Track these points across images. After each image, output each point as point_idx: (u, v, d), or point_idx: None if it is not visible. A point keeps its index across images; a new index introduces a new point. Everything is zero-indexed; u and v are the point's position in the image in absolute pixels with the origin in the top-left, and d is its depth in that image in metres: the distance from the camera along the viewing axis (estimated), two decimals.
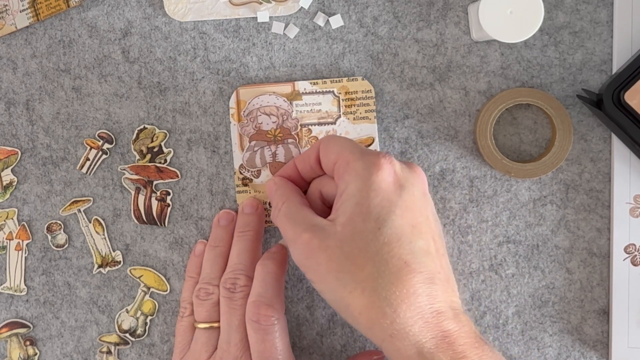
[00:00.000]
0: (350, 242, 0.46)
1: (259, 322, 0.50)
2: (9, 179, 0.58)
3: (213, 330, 0.53)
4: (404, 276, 0.45)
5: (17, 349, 0.58)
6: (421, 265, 0.45)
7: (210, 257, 0.55)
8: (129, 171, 0.58)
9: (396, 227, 0.46)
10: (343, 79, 0.57)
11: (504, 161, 0.56)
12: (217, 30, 0.57)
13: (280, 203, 0.51)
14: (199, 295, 0.54)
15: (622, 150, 0.56)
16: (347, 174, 0.48)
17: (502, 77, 0.57)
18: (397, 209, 0.46)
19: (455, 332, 0.45)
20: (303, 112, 0.57)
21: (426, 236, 0.47)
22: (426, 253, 0.46)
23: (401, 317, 0.44)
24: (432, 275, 0.46)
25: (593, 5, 0.57)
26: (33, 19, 0.57)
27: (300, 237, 0.47)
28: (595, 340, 0.57)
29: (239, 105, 0.57)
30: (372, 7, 0.57)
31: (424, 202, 0.48)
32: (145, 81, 0.57)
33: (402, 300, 0.44)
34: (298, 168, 0.53)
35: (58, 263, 0.58)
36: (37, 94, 0.58)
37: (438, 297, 0.45)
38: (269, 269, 0.51)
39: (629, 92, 0.53)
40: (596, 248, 0.57)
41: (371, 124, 0.57)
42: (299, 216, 0.49)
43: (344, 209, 0.47)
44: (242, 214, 0.56)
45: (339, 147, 0.49)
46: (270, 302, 0.50)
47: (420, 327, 0.44)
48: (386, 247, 0.45)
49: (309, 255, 0.47)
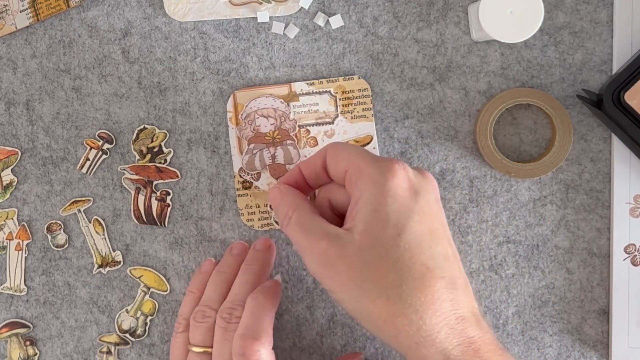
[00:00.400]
0: (370, 249, 0.45)
1: (244, 355, 0.48)
2: (9, 179, 0.58)
3: (207, 355, 0.52)
4: (427, 282, 0.44)
5: (17, 349, 0.58)
6: (442, 271, 0.45)
7: (214, 281, 0.55)
8: (129, 171, 0.58)
9: (415, 232, 0.45)
10: (339, 78, 0.57)
11: (504, 161, 0.56)
12: (217, 30, 0.57)
13: (290, 211, 0.49)
14: (195, 317, 0.53)
15: (622, 150, 0.56)
16: (361, 181, 0.47)
17: (502, 77, 0.57)
18: (415, 215, 0.46)
19: (479, 338, 0.44)
20: (301, 113, 0.57)
21: (443, 242, 0.47)
22: (445, 258, 0.46)
23: (427, 323, 0.44)
24: (453, 280, 0.45)
25: (593, 5, 0.57)
26: (33, 19, 0.57)
27: (316, 245, 0.46)
28: (595, 340, 0.57)
29: (236, 108, 0.57)
30: (372, 7, 0.57)
31: (438, 208, 0.48)
32: (145, 81, 0.57)
33: (428, 306, 0.44)
34: (304, 174, 0.52)
35: (58, 263, 0.58)
36: (37, 94, 0.58)
37: (461, 303, 0.45)
38: (259, 302, 0.51)
39: (629, 92, 0.53)
40: (596, 248, 0.57)
41: (369, 122, 0.57)
42: (313, 224, 0.48)
43: (361, 216, 0.46)
44: (253, 249, 0.56)
45: (349, 155, 0.48)
46: (258, 336, 0.49)
47: (446, 334, 0.44)
48: (407, 254, 0.45)
49: (327, 264, 0.46)
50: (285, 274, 0.58)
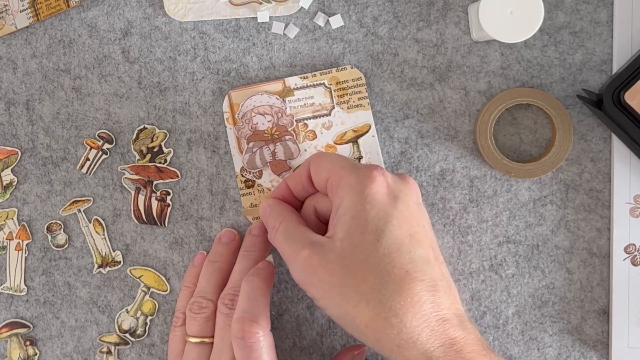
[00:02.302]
0: (350, 255, 0.46)
1: (243, 338, 0.49)
2: (9, 179, 0.58)
3: (204, 346, 0.52)
4: (406, 285, 0.45)
5: (17, 349, 0.58)
6: (423, 274, 0.46)
7: (207, 271, 0.55)
8: (129, 171, 0.58)
9: (395, 237, 0.46)
10: (332, 69, 0.57)
11: (504, 161, 0.56)
12: (217, 30, 0.57)
13: (277, 224, 0.51)
14: (192, 308, 0.53)
15: (622, 150, 0.56)
16: (340, 189, 0.48)
17: (502, 77, 0.57)
18: (393, 220, 0.47)
19: (462, 339, 0.45)
20: (297, 108, 0.57)
21: (425, 245, 0.47)
22: (426, 261, 0.46)
23: (408, 326, 0.44)
24: (434, 283, 0.46)
25: (593, 5, 0.57)
26: (33, 19, 0.57)
27: (299, 254, 0.47)
28: (595, 340, 0.57)
29: (232, 108, 0.57)
30: (372, 7, 0.57)
31: (419, 212, 0.49)
32: (145, 81, 0.57)
33: (408, 309, 0.44)
34: (290, 187, 0.53)
35: (58, 263, 0.58)
36: (37, 94, 0.58)
37: (442, 305, 0.45)
38: (254, 285, 0.51)
39: (629, 92, 0.53)
40: (596, 248, 0.57)
41: (366, 111, 0.57)
42: (297, 234, 0.49)
43: (341, 224, 0.47)
44: (249, 234, 0.56)
45: (329, 164, 0.50)
46: (255, 319, 0.49)
47: (427, 336, 0.44)
48: (387, 258, 0.45)
49: (309, 272, 0.47)
50: (285, 274, 0.58)
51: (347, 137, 0.57)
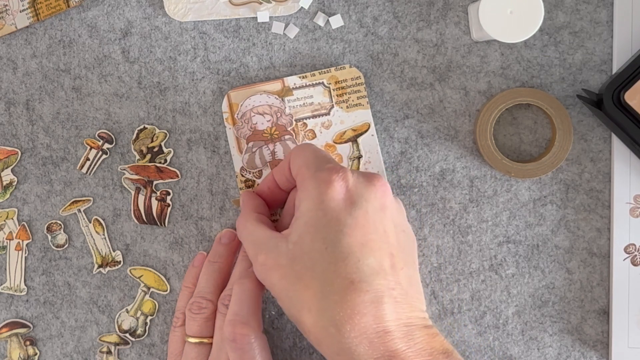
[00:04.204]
0: (299, 261, 0.46)
1: (235, 341, 0.49)
2: (9, 179, 0.58)
3: (203, 346, 0.53)
4: (349, 295, 0.44)
5: (17, 349, 0.58)
6: (368, 284, 0.45)
7: (207, 272, 0.55)
8: (129, 171, 0.58)
9: (344, 246, 0.45)
10: (331, 68, 0.57)
11: (504, 161, 0.56)
12: (217, 30, 0.57)
13: (242, 220, 0.52)
14: (191, 309, 0.53)
15: (622, 150, 0.56)
16: (300, 192, 0.48)
17: (502, 77, 0.57)
18: (345, 228, 0.46)
19: (402, 351, 0.44)
20: (296, 107, 0.57)
21: (379, 253, 0.46)
22: (376, 271, 0.45)
23: (345, 337, 0.44)
24: (380, 294, 0.45)
25: (593, 5, 0.57)
26: (33, 19, 0.57)
27: (256, 259, 0.49)
28: (595, 340, 0.57)
29: (232, 108, 0.57)
30: (372, 7, 0.57)
31: (379, 216, 0.47)
32: (145, 81, 0.57)
33: (346, 320, 0.44)
34: (276, 179, 0.53)
35: (58, 263, 0.58)
36: (37, 94, 0.58)
37: (386, 317, 0.45)
38: (245, 287, 0.51)
39: (629, 92, 0.53)
40: (596, 248, 0.57)
41: (365, 110, 0.57)
42: (255, 235, 0.50)
43: (296, 227, 0.47)
44: None
45: (299, 162, 0.50)
46: (246, 321, 0.49)
47: (365, 348, 0.44)
48: (332, 267, 0.45)
49: (264, 276, 0.48)
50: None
51: (346, 136, 0.57)
